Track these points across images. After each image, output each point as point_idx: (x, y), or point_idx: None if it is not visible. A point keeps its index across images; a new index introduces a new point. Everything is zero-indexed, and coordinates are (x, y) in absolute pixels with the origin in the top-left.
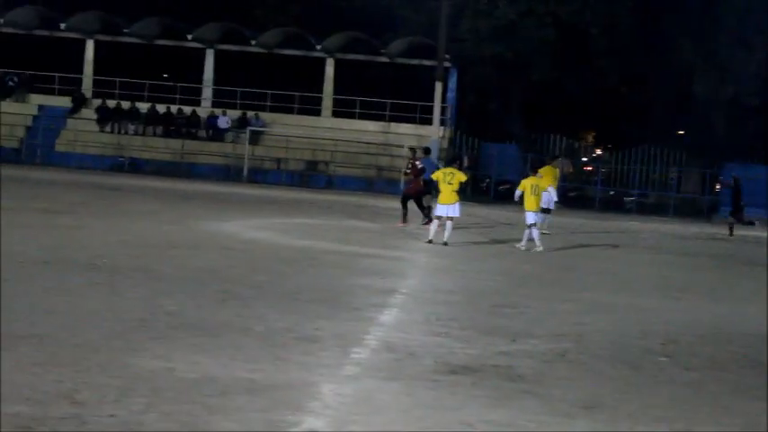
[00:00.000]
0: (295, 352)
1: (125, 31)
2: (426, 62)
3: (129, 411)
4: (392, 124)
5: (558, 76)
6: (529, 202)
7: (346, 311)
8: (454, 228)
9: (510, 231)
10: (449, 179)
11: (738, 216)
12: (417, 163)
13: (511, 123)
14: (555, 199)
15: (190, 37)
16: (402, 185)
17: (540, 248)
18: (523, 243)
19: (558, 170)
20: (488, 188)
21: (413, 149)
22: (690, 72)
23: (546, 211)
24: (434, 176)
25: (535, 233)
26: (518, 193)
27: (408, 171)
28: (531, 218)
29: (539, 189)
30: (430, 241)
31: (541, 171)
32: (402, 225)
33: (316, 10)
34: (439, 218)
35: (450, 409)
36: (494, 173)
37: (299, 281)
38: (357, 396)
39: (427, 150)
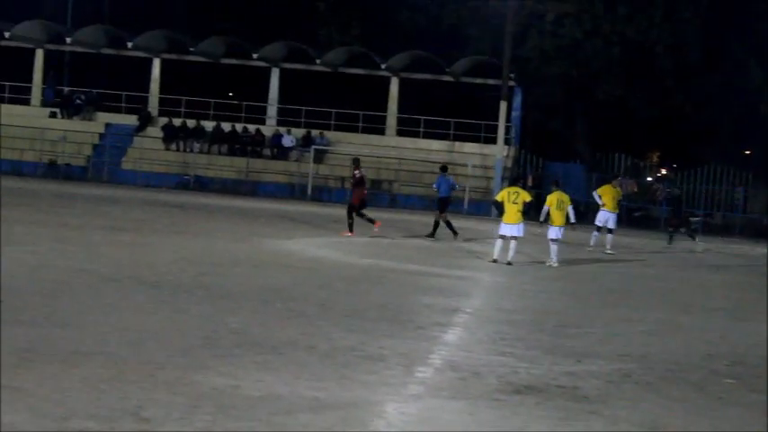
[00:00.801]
0: (359, 370)
1: (191, 49)
2: (491, 81)
3: (195, 429)
4: (456, 143)
5: (624, 95)
6: (555, 217)
7: (410, 330)
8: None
9: (574, 251)
10: (513, 198)
11: None
12: (357, 173)
13: (576, 142)
14: (573, 220)
15: (255, 56)
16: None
17: (555, 264)
18: (554, 259)
19: (618, 190)
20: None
21: (355, 160)
22: (756, 91)
23: (609, 230)
24: (499, 197)
25: (554, 248)
26: (545, 209)
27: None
28: (553, 233)
29: (563, 204)
30: (494, 260)
31: (600, 191)
32: (349, 234)
33: (380, 29)
34: (503, 237)
35: (513, 430)
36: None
37: (363, 299)
38: (421, 415)
39: (444, 168)
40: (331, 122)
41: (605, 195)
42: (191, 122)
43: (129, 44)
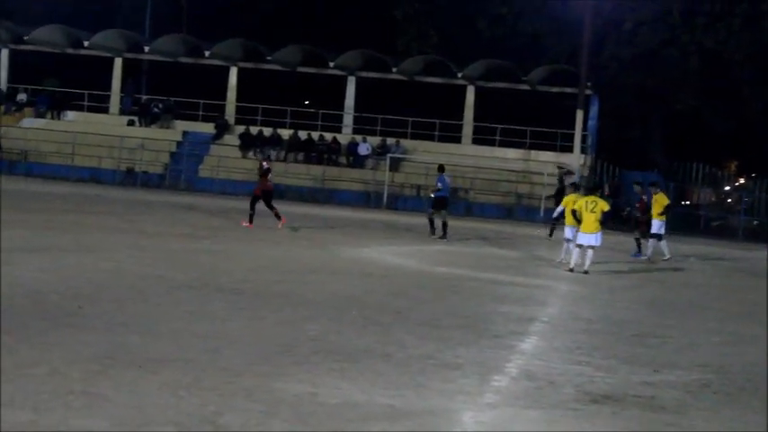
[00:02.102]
0: (435, 379)
1: (268, 58)
2: (567, 90)
3: None
4: (533, 152)
5: (701, 104)
6: (569, 217)
7: (486, 339)
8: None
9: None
10: (591, 207)
11: None
12: (264, 164)
13: (652, 151)
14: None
15: (332, 64)
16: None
17: (561, 261)
18: (562, 256)
19: (663, 196)
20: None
21: (266, 155)
22: None
23: (657, 236)
24: (576, 206)
25: (571, 247)
26: (559, 209)
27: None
28: (569, 233)
29: (589, 206)
30: (571, 269)
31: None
32: (247, 225)
33: (457, 38)
34: (580, 246)
35: None
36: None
37: (438, 307)
38: (497, 424)
39: (441, 168)
40: (407, 131)
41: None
42: (267, 130)
43: (207, 53)
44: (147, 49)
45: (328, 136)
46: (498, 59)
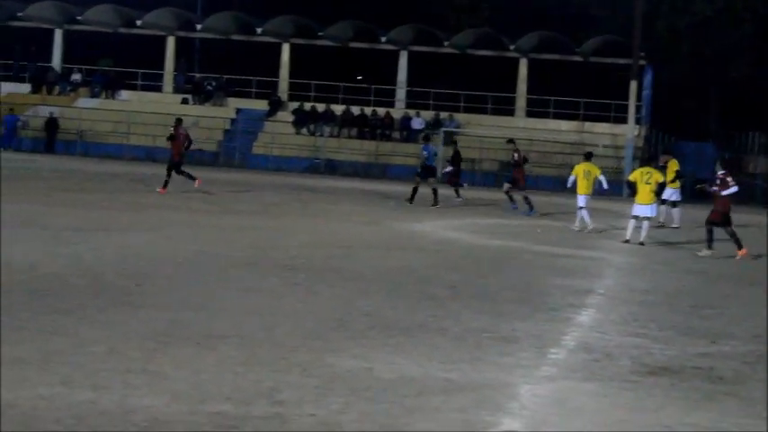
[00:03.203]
0: (491, 352)
1: (320, 34)
2: (621, 60)
3: (329, 411)
4: (586, 123)
5: (757, 72)
6: (581, 186)
7: (543, 312)
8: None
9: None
10: (647, 179)
11: None
12: (181, 130)
13: (708, 121)
14: (606, 186)
15: (383, 39)
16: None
17: (576, 228)
18: (577, 224)
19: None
20: (684, 187)
21: (178, 119)
22: None
23: (673, 204)
24: (632, 177)
25: (585, 215)
26: (571, 178)
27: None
28: (581, 201)
29: (590, 175)
30: (626, 241)
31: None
32: (160, 191)
33: (508, 10)
34: (636, 217)
35: (648, 411)
36: (690, 171)
37: (494, 281)
38: (554, 397)
39: (426, 138)
40: (460, 104)
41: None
42: (320, 106)
43: (259, 30)
44: (199, 27)
45: (381, 111)
46: (551, 31)
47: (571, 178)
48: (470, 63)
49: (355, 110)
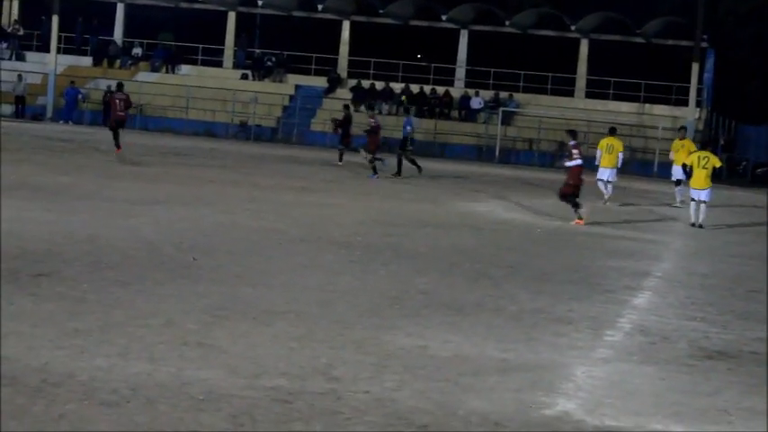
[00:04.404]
0: (547, 333)
1: (380, 11)
2: (683, 43)
3: (383, 388)
4: (647, 105)
5: None
6: (603, 159)
7: (599, 293)
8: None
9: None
10: (703, 163)
11: None
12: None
13: None
14: (620, 165)
15: (444, 17)
16: None
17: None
18: (605, 198)
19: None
20: (745, 171)
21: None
22: None
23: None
24: (688, 160)
25: (606, 188)
26: (598, 153)
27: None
28: (602, 174)
29: (613, 149)
30: (693, 224)
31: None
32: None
33: None
34: (693, 200)
35: (704, 395)
36: (751, 155)
37: (551, 262)
38: (610, 379)
39: (408, 110)
40: (520, 84)
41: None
42: (379, 84)
43: (320, 6)
44: (260, 2)
45: (440, 90)
46: (612, 12)
47: (598, 153)
48: (531, 43)
49: (414, 88)
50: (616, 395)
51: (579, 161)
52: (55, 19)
